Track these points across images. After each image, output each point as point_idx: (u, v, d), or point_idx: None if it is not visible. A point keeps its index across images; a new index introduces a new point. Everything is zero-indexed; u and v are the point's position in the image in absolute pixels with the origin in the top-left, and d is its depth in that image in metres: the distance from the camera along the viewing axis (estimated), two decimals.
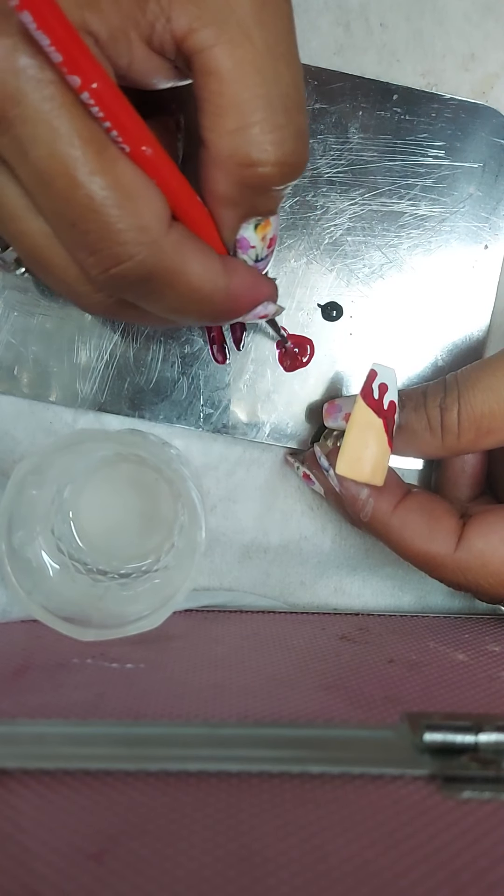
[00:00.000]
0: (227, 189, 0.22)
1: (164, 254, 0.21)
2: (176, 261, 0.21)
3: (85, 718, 0.22)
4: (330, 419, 0.30)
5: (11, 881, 0.16)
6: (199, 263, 0.22)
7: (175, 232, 0.21)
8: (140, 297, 0.22)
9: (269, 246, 0.25)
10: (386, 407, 0.27)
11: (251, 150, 0.20)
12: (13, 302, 0.31)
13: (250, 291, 0.24)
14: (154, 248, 0.20)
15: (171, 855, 0.17)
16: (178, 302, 0.22)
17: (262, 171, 0.21)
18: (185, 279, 0.22)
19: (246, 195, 0.22)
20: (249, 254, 0.24)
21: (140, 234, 0.20)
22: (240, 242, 0.24)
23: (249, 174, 0.21)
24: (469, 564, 0.27)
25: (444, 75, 0.33)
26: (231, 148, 0.21)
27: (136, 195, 0.20)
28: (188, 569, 0.27)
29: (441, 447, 0.28)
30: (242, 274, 0.24)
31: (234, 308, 0.24)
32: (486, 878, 0.16)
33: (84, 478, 0.33)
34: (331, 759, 0.20)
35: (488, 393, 0.26)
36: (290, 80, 0.21)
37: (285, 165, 0.21)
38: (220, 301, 0.23)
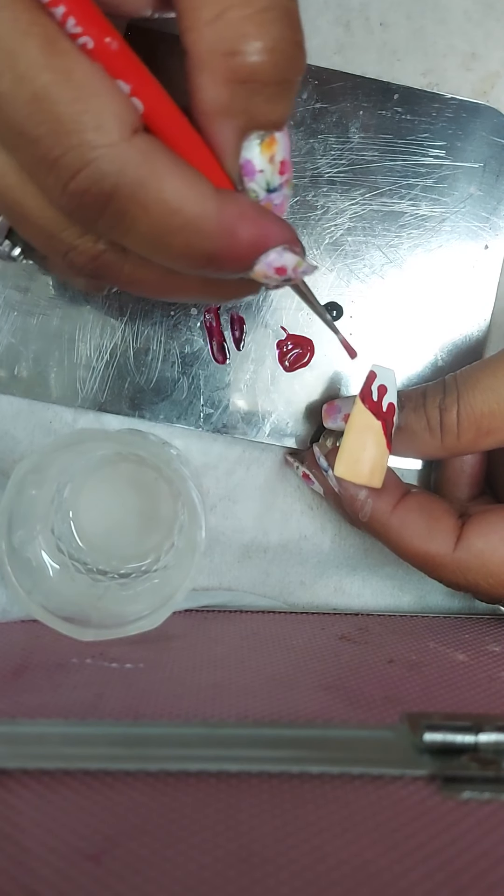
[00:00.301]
0: (215, 93, 0.19)
1: (129, 162, 0.18)
2: (145, 172, 0.18)
3: (84, 718, 0.22)
4: (329, 420, 0.30)
5: (10, 881, 0.16)
6: (178, 178, 0.19)
7: (144, 140, 0.18)
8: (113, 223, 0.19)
9: (280, 171, 0.21)
10: (385, 409, 0.27)
11: (233, 36, 0.18)
12: (13, 302, 0.31)
13: (252, 224, 0.20)
14: (114, 154, 0.18)
15: (171, 855, 0.17)
16: (156, 228, 0.19)
17: (250, 59, 0.18)
18: (158, 196, 0.19)
19: (238, 96, 0.19)
20: (258, 180, 0.21)
21: (97, 134, 0.18)
22: (244, 167, 0.20)
23: (236, 65, 0.18)
24: (468, 564, 0.27)
25: (445, 75, 0.33)
26: (212, 39, 0.18)
27: (90, 91, 0.17)
28: (188, 569, 0.27)
29: (440, 448, 0.28)
30: (240, 202, 0.20)
31: (232, 244, 0.20)
32: (487, 879, 0.16)
33: (84, 477, 0.33)
34: (331, 759, 0.20)
35: (488, 393, 0.26)
36: None
37: (275, 52, 0.18)
38: (211, 231, 0.19)
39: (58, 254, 0.21)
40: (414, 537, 0.28)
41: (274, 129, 0.20)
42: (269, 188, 0.21)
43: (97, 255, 0.21)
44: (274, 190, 0.21)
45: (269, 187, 0.21)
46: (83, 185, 0.18)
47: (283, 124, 0.20)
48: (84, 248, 0.21)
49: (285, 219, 0.22)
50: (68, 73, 0.17)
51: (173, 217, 0.19)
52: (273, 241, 0.21)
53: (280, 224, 0.21)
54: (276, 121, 0.20)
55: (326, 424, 0.31)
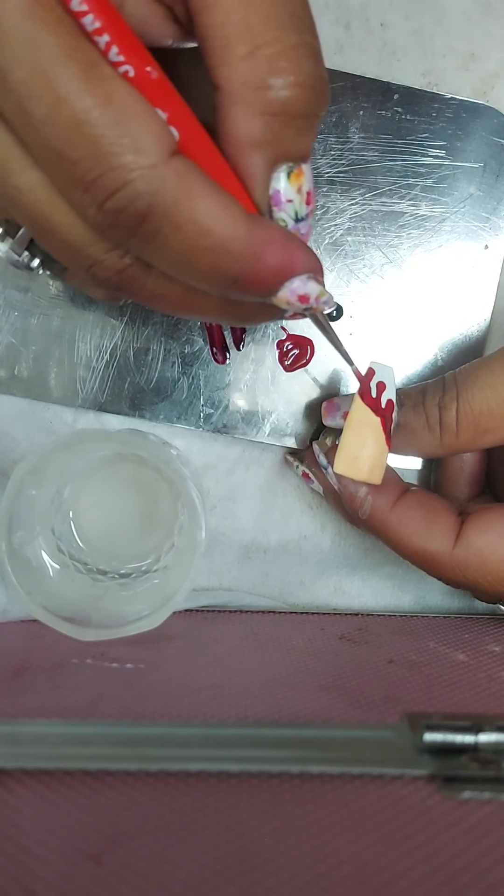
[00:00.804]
0: (248, 126, 0.19)
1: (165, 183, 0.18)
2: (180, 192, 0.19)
3: (84, 718, 0.22)
4: (328, 418, 0.30)
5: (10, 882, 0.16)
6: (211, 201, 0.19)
7: (179, 161, 0.19)
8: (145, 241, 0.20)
9: (307, 201, 0.21)
10: (384, 405, 0.27)
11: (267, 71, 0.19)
12: (13, 302, 0.31)
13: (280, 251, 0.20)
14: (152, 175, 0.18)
15: (171, 856, 0.17)
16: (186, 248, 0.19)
17: (283, 93, 0.19)
18: (191, 217, 0.19)
19: (270, 129, 0.20)
20: (287, 210, 0.21)
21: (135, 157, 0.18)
22: (274, 197, 0.21)
23: (269, 99, 0.19)
24: (467, 562, 0.27)
25: (445, 75, 0.33)
26: (245, 74, 0.19)
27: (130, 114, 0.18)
28: (188, 569, 0.27)
29: (439, 445, 0.28)
30: (269, 227, 0.20)
31: (258, 268, 0.20)
32: (487, 879, 0.16)
33: (84, 478, 0.33)
34: (331, 759, 0.20)
35: (487, 391, 0.26)
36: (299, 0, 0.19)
37: (305, 87, 0.19)
38: (240, 253, 0.20)
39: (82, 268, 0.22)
40: (413, 535, 0.28)
41: (301, 160, 0.21)
42: (297, 218, 0.22)
43: (122, 270, 0.21)
44: (301, 219, 0.22)
45: (297, 217, 0.21)
46: (120, 204, 0.18)
47: (309, 156, 0.21)
48: (110, 262, 0.21)
49: None
50: (109, 97, 0.18)
51: (204, 238, 0.19)
52: (299, 268, 0.21)
53: (307, 253, 0.21)
54: (303, 153, 0.21)
55: (326, 422, 0.31)
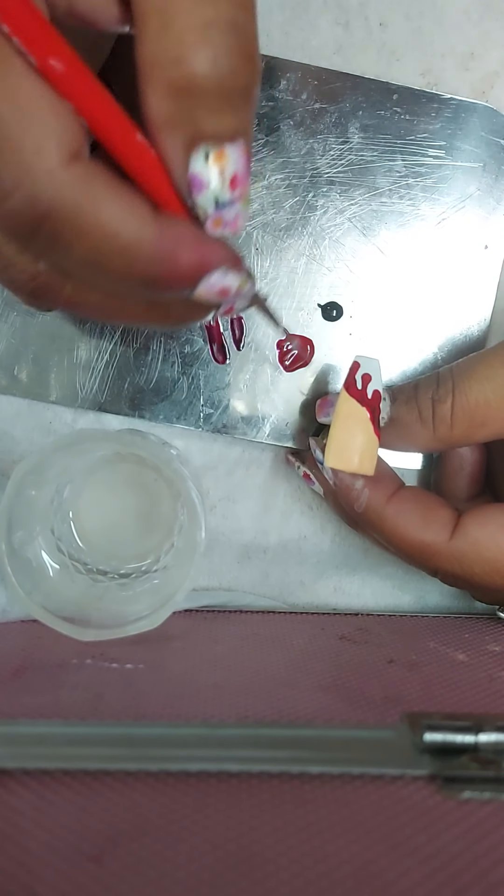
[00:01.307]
0: (159, 104, 0.18)
1: (64, 188, 0.18)
2: (81, 198, 0.18)
3: (84, 718, 0.22)
4: (322, 414, 0.30)
5: (10, 882, 0.16)
6: (115, 204, 0.19)
7: (82, 165, 0.18)
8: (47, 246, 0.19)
9: (232, 186, 0.20)
10: (370, 396, 0.27)
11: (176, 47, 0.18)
12: (13, 302, 0.31)
13: (192, 248, 0.20)
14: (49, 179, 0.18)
15: (171, 856, 0.17)
16: (92, 253, 0.19)
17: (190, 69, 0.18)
18: (94, 221, 0.18)
19: (181, 108, 0.18)
20: (206, 196, 0.20)
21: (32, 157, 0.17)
22: (192, 181, 0.19)
23: (178, 75, 0.18)
24: (464, 552, 0.27)
25: (444, 75, 0.33)
26: (155, 50, 0.18)
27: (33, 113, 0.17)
28: (188, 569, 0.27)
29: (433, 439, 0.28)
30: (181, 226, 0.20)
31: (170, 268, 0.20)
32: (487, 879, 0.16)
33: (83, 478, 0.33)
34: (331, 759, 0.20)
35: (484, 383, 0.26)
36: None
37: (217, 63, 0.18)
38: (149, 255, 0.19)
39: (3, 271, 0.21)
40: (409, 526, 0.28)
41: (224, 141, 0.19)
42: (219, 203, 0.20)
43: (36, 276, 0.21)
44: (224, 205, 0.20)
45: (218, 202, 0.20)
46: (16, 206, 0.18)
47: (234, 137, 0.19)
48: (22, 266, 0.21)
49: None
50: (13, 92, 0.17)
51: (110, 241, 0.19)
52: (214, 263, 0.21)
53: (221, 247, 0.21)
54: (223, 133, 0.19)
55: (319, 419, 0.31)
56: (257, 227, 0.32)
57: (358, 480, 0.28)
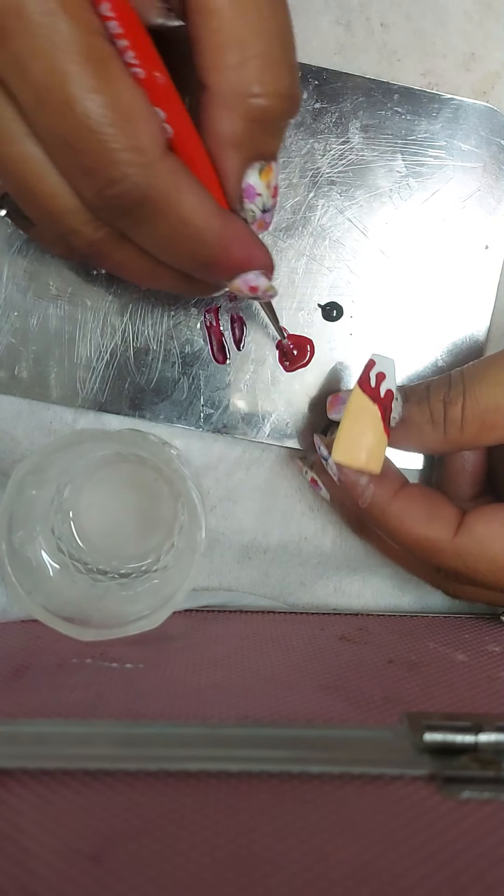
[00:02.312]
0: (231, 127, 0.22)
1: (159, 178, 0.21)
2: (170, 188, 0.21)
3: (84, 718, 0.22)
4: (333, 411, 0.30)
5: (10, 882, 0.16)
6: (194, 196, 0.22)
7: (171, 160, 0.21)
8: (133, 223, 0.22)
9: (273, 195, 0.25)
10: (383, 395, 0.27)
11: (253, 82, 0.21)
12: (13, 302, 0.31)
13: (244, 246, 0.24)
14: (149, 171, 0.21)
15: (170, 856, 0.17)
16: (168, 234, 0.23)
17: (264, 102, 0.22)
18: (177, 208, 0.22)
19: (249, 132, 0.22)
20: (256, 202, 0.24)
21: (135, 155, 0.20)
22: (246, 190, 0.24)
23: (252, 106, 0.22)
24: (468, 549, 0.27)
25: (445, 75, 0.32)
26: (234, 82, 0.21)
27: (134, 116, 0.20)
28: (188, 569, 0.27)
29: (443, 441, 0.28)
30: (238, 225, 0.24)
31: (225, 258, 0.24)
32: (486, 879, 0.16)
33: (84, 478, 0.33)
34: (331, 759, 0.20)
35: (495, 387, 0.27)
36: (284, 17, 0.22)
37: (284, 97, 0.22)
38: (212, 243, 0.23)
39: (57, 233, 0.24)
40: (414, 522, 0.28)
41: (272, 159, 0.24)
42: (264, 209, 0.25)
43: (94, 242, 0.23)
44: (267, 210, 0.25)
45: (264, 208, 0.25)
46: (118, 192, 0.21)
47: (277, 155, 0.24)
48: (85, 233, 0.23)
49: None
50: (117, 97, 0.20)
51: (186, 227, 0.22)
52: (256, 264, 0.25)
53: (264, 252, 0.25)
54: (274, 153, 0.24)
55: (330, 415, 0.31)
56: None
57: (363, 476, 0.28)
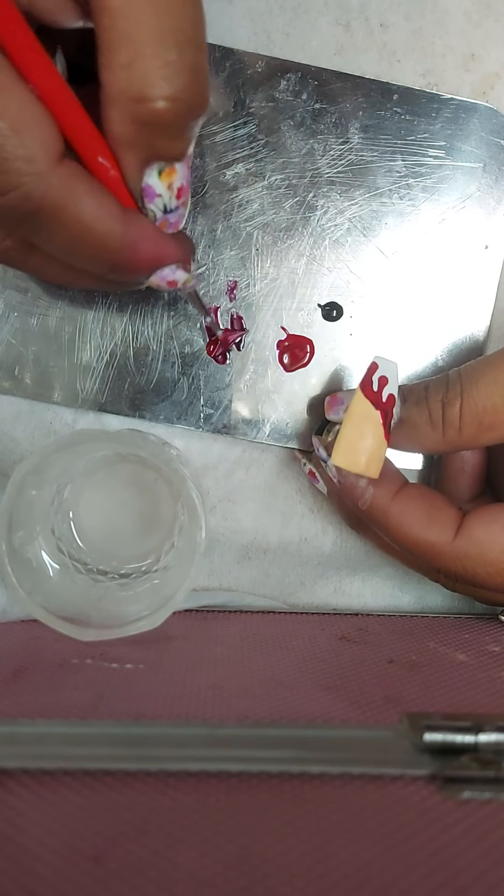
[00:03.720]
0: (123, 128, 0.21)
1: (52, 188, 0.21)
2: (65, 196, 0.21)
3: (84, 718, 0.22)
4: (331, 412, 0.30)
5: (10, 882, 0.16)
6: (92, 202, 0.22)
7: (66, 168, 0.21)
8: (32, 231, 0.22)
9: (177, 196, 0.24)
10: (384, 400, 0.27)
11: (142, 85, 0.20)
12: (13, 302, 0.31)
13: (151, 245, 0.24)
14: (40, 181, 0.20)
15: (171, 856, 0.17)
16: (70, 241, 0.22)
17: (154, 105, 0.21)
18: (75, 216, 0.22)
19: (143, 134, 0.22)
20: (156, 203, 0.24)
21: (25, 164, 0.20)
22: (145, 190, 0.23)
23: (142, 110, 0.21)
24: (467, 552, 0.27)
25: (445, 75, 0.33)
26: (123, 83, 0.20)
27: (24, 125, 0.20)
28: (188, 569, 0.27)
29: (442, 441, 0.28)
30: (143, 225, 0.24)
31: (132, 259, 0.24)
32: (487, 879, 0.16)
33: (84, 478, 0.33)
34: (331, 759, 0.20)
35: (491, 387, 0.27)
36: (186, 16, 0.20)
37: (178, 101, 0.21)
38: (116, 247, 0.23)
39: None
40: (414, 524, 0.28)
41: (174, 160, 0.23)
42: (167, 210, 0.24)
43: (5, 250, 0.24)
44: (170, 211, 0.24)
45: (166, 209, 0.24)
46: (10, 202, 0.21)
47: (182, 157, 0.23)
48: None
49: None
50: (5, 107, 0.19)
51: (86, 234, 0.22)
52: (169, 260, 0.25)
53: (176, 246, 0.25)
54: (175, 155, 0.23)
55: (328, 416, 0.31)
56: (257, 228, 0.32)
57: (362, 478, 0.28)
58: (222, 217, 0.32)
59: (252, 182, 0.32)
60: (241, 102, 0.31)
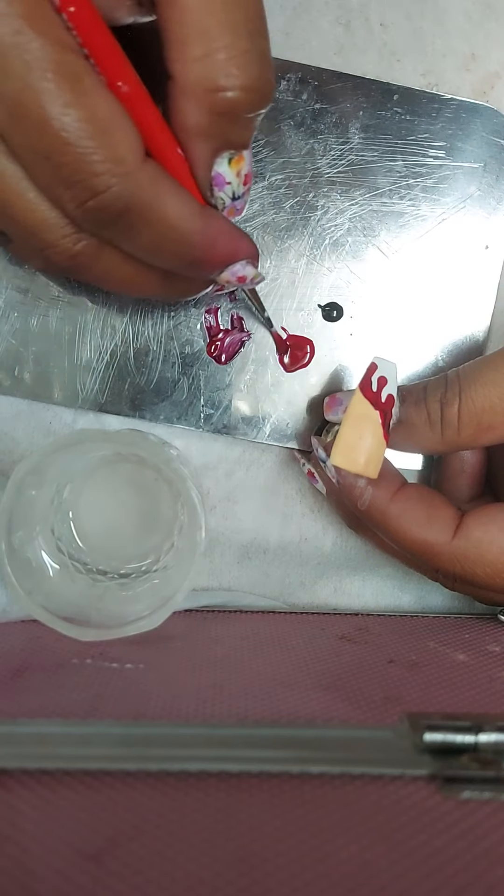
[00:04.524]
0: (197, 119, 0.22)
1: (140, 187, 0.21)
2: (151, 195, 0.22)
3: (84, 718, 0.22)
4: (330, 412, 0.30)
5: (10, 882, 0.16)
6: (175, 200, 0.22)
7: (150, 167, 0.22)
8: (118, 232, 0.23)
9: (244, 182, 0.25)
10: (384, 400, 0.27)
11: (218, 75, 0.21)
12: (13, 302, 0.31)
13: (228, 240, 0.25)
14: (129, 180, 0.21)
15: (170, 856, 0.17)
16: (155, 239, 0.23)
17: (231, 95, 0.21)
18: (161, 214, 0.22)
19: (217, 124, 0.22)
20: (226, 191, 0.24)
21: (115, 165, 0.20)
22: (215, 179, 0.24)
23: (218, 100, 0.21)
24: (466, 553, 0.27)
25: (445, 75, 0.33)
26: (198, 75, 0.21)
27: (111, 127, 0.20)
28: (188, 569, 0.27)
29: (440, 441, 0.28)
30: (219, 220, 0.24)
31: (211, 254, 0.24)
32: (486, 879, 0.16)
33: (84, 478, 0.33)
34: (331, 759, 0.20)
35: (490, 388, 0.27)
36: (253, 6, 0.21)
37: (252, 90, 0.21)
38: (198, 243, 0.23)
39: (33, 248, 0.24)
40: (412, 524, 0.28)
41: (243, 148, 0.24)
42: (235, 197, 0.25)
43: (74, 256, 0.24)
44: (238, 198, 0.25)
45: (234, 196, 0.25)
46: (102, 204, 0.21)
47: (249, 144, 0.24)
48: (63, 248, 0.23)
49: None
50: (93, 110, 0.20)
51: (171, 231, 0.23)
52: (242, 255, 0.26)
53: (248, 242, 0.26)
54: (245, 142, 0.24)
55: (327, 417, 0.31)
56: (258, 228, 0.32)
57: (361, 478, 0.28)
58: None
59: (252, 182, 0.32)
60: None
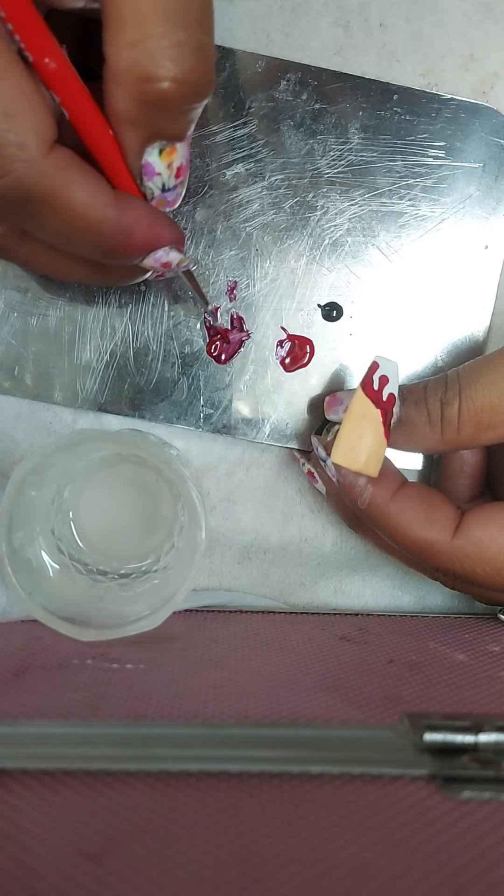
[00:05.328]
0: (126, 106, 0.21)
1: (44, 175, 0.21)
2: (57, 183, 0.21)
3: (85, 719, 0.22)
4: (331, 412, 0.30)
5: (11, 881, 0.16)
6: (85, 189, 0.22)
7: (58, 155, 0.21)
8: (25, 219, 0.22)
9: (176, 175, 0.24)
10: (385, 399, 0.27)
11: (149, 64, 0.20)
12: (13, 302, 0.31)
13: (146, 229, 0.24)
14: (32, 167, 0.20)
15: (171, 855, 0.17)
16: (63, 228, 0.22)
17: (161, 86, 0.20)
18: (67, 204, 0.21)
19: (147, 114, 0.21)
20: (155, 181, 0.24)
21: (17, 150, 0.20)
22: (144, 168, 0.23)
23: (147, 89, 0.20)
24: (466, 552, 0.27)
25: (444, 75, 0.33)
26: (129, 61, 0.20)
27: (15, 111, 0.20)
28: (188, 569, 0.27)
29: (440, 441, 0.28)
30: (138, 209, 0.23)
31: (126, 244, 0.24)
32: (486, 879, 0.16)
33: (84, 478, 0.33)
34: (331, 759, 0.20)
35: (490, 387, 0.27)
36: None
37: (185, 83, 0.20)
38: (110, 233, 0.23)
39: None
40: (412, 523, 0.28)
41: (176, 140, 0.23)
42: (165, 188, 0.24)
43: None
44: (168, 189, 0.24)
45: (164, 188, 0.24)
46: (2, 190, 0.21)
47: (183, 137, 0.23)
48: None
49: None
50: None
51: (79, 221, 0.22)
52: (163, 242, 0.25)
53: (169, 228, 0.25)
54: (177, 135, 0.23)
55: (328, 416, 0.31)
56: (257, 228, 0.32)
57: (361, 477, 0.28)
58: (222, 217, 0.32)
59: (252, 182, 0.32)
60: (240, 103, 0.31)
